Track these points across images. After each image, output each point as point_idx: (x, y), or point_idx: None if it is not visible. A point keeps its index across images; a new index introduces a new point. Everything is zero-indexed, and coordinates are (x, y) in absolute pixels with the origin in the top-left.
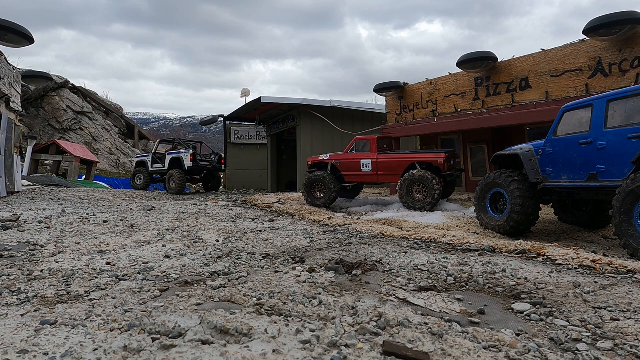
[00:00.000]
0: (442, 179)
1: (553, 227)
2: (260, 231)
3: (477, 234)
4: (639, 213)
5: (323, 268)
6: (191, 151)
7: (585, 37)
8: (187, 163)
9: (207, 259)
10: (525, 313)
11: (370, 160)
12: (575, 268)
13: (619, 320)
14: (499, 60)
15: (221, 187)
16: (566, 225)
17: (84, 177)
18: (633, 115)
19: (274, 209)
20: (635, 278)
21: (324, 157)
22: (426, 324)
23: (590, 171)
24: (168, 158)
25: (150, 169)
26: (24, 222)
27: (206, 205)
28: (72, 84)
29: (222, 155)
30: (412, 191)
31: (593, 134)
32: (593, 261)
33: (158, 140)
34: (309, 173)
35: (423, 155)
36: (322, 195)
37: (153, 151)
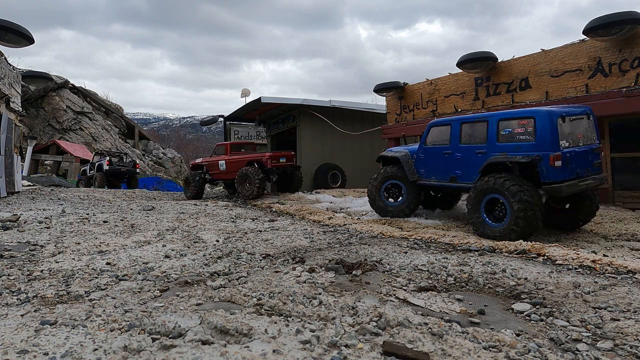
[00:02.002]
0: (271, 174)
1: (553, 227)
2: (260, 231)
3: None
4: (484, 207)
5: (323, 268)
6: (107, 158)
7: (585, 37)
8: (105, 167)
9: (207, 259)
10: (525, 313)
11: (224, 161)
12: (575, 268)
13: (619, 320)
14: (499, 61)
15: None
16: (566, 225)
17: None
18: (477, 136)
19: (274, 209)
20: (635, 278)
21: (199, 160)
22: (426, 324)
23: (451, 175)
24: (96, 165)
25: (88, 174)
26: (24, 222)
27: (206, 205)
28: (72, 84)
29: (137, 161)
30: (245, 183)
31: (452, 147)
32: (593, 261)
33: (94, 153)
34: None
35: (253, 155)
36: (192, 189)
37: (91, 161)
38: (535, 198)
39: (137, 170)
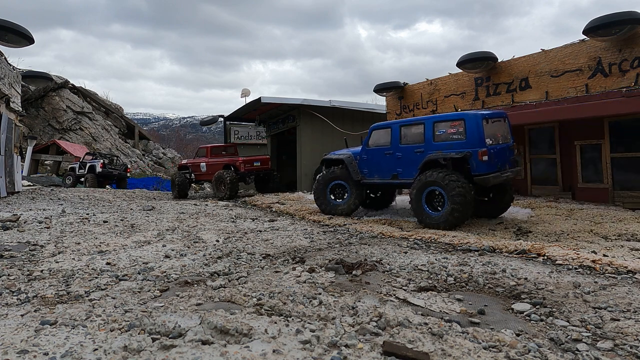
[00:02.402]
0: (246, 177)
1: (553, 228)
2: (260, 231)
3: (478, 234)
4: (425, 198)
5: (323, 268)
6: (101, 161)
7: (585, 37)
8: (98, 169)
9: (207, 259)
10: (525, 313)
11: (204, 163)
12: (575, 268)
13: (619, 320)
14: (499, 61)
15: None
16: (566, 225)
17: None
18: (415, 137)
19: (274, 209)
20: (635, 278)
21: (185, 161)
22: (426, 324)
23: (393, 172)
24: (87, 165)
25: (77, 173)
26: (24, 222)
27: (206, 205)
28: (72, 84)
29: (128, 165)
30: (220, 185)
31: (393, 148)
32: (593, 261)
33: (85, 153)
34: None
35: (229, 159)
36: (177, 187)
37: (81, 160)
38: (467, 189)
39: (128, 174)
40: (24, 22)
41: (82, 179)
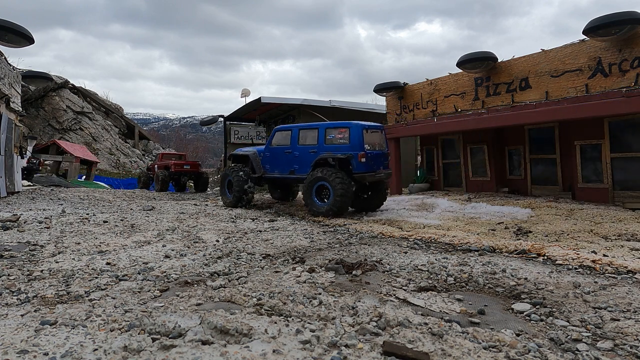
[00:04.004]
0: (179, 176)
1: (553, 228)
2: (260, 231)
3: (478, 234)
4: (315, 191)
5: (323, 268)
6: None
7: (585, 37)
8: (23, 164)
9: (207, 259)
10: (525, 313)
11: (157, 166)
12: (575, 268)
13: (619, 320)
14: (499, 61)
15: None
16: (566, 225)
17: (84, 177)
18: (308, 139)
19: (274, 209)
20: (635, 278)
21: (151, 163)
22: (426, 324)
23: (290, 169)
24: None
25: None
26: (24, 222)
27: (206, 205)
28: (72, 84)
29: (40, 160)
30: (157, 181)
31: (292, 147)
32: (593, 261)
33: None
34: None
35: (165, 162)
36: (143, 184)
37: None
38: (349, 184)
39: (40, 167)
40: (22, 22)
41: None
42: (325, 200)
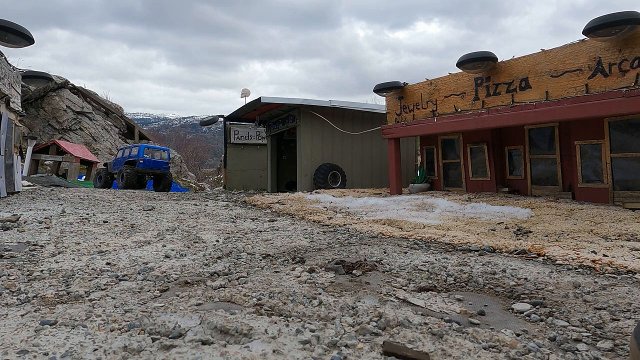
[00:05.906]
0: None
1: (553, 228)
2: (260, 231)
3: (478, 234)
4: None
5: (323, 268)
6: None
7: (585, 37)
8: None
9: (207, 259)
10: (525, 313)
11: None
12: (575, 268)
13: (619, 320)
14: (499, 61)
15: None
16: (566, 225)
17: (84, 177)
18: (132, 152)
19: (274, 209)
20: (635, 278)
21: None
22: (426, 324)
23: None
24: None
25: None
26: (24, 222)
27: (206, 205)
28: (72, 84)
29: None
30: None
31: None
32: (593, 261)
33: None
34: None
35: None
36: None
37: None
38: (133, 174)
39: None
40: (19, 22)
41: None
42: (121, 181)
